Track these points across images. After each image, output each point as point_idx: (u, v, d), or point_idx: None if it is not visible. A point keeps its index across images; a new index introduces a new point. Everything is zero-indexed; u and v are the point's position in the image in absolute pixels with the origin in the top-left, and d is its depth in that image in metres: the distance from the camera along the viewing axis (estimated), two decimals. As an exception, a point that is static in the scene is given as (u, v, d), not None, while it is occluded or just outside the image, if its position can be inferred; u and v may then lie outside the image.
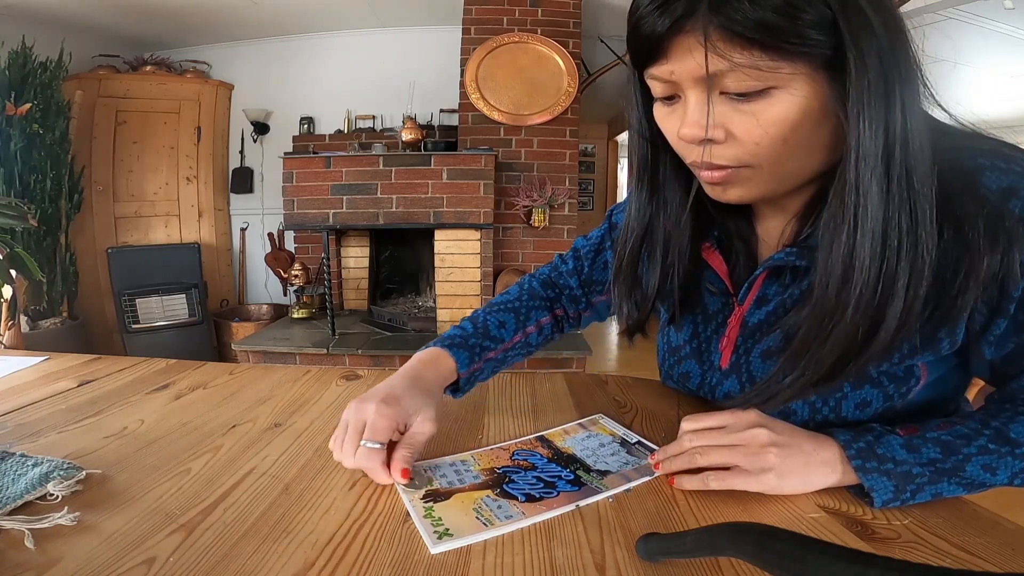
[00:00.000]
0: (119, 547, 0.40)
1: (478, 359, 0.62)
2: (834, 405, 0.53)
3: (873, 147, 0.39)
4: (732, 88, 0.41)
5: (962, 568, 0.38)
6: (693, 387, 0.66)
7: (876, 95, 0.38)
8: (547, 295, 0.74)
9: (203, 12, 3.34)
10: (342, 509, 0.46)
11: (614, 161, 6.99)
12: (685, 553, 0.35)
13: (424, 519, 0.44)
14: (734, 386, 0.59)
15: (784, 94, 0.40)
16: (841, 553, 0.24)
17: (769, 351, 0.55)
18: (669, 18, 0.39)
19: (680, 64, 0.41)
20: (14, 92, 2.79)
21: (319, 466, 0.53)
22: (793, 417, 0.55)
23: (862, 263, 0.41)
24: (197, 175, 3.70)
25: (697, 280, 0.59)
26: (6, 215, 2.34)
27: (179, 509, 0.45)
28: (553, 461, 0.55)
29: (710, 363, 0.62)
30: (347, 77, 3.77)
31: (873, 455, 0.45)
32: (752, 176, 0.45)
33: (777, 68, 0.38)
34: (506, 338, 0.66)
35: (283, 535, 0.42)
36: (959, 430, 0.47)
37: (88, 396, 0.71)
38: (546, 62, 3.20)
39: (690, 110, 0.43)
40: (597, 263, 0.75)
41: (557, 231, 3.30)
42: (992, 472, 0.45)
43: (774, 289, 0.55)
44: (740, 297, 0.57)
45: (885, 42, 0.38)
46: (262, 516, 0.44)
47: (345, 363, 2.80)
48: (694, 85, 0.42)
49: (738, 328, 0.57)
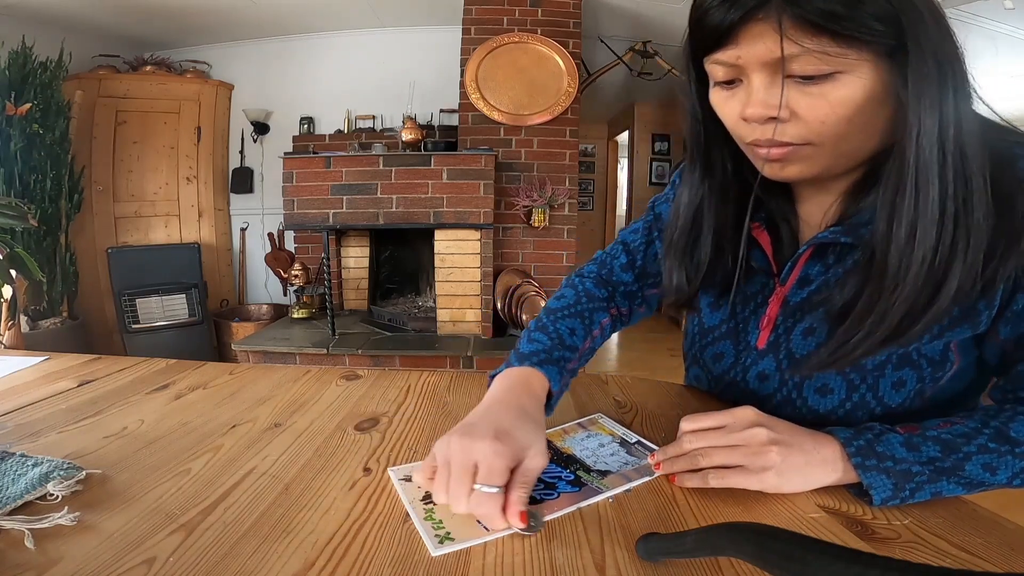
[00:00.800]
0: (119, 547, 0.40)
1: (565, 372, 0.60)
2: (872, 383, 0.53)
3: (931, 126, 0.43)
4: (798, 71, 0.44)
5: (962, 568, 0.38)
6: (724, 368, 0.65)
7: (931, 82, 0.42)
8: (602, 295, 0.72)
9: (203, 12, 3.34)
10: (342, 509, 0.46)
11: (614, 161, 6.99)
12: (685, 553, 0.35)
13: (425, 521, 0.44)
14: (770, 365, 0.59)
15: (850, 78, 0.43)
16: (841, 553, 0.24)
17: (811, 329, 0.56)
18: (740, 9, 0.43)
19: (748, 49, 0.44)
20: (14, 92, 2.79)
21: (319, 466, 0.53)
22: (830, 395, 0.55)
23: (925, 227, 0.44)
24: (197, 175, 3.70)
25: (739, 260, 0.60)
26: (6, 215, 2.34)
27: (179, 509, 0.45)
28: (553, 462, 0.54)
29: (746, 343, 0.62)
30: (347, 77, 3.77)
31: (873, 453, 0.46)
32: (813, 154, 0.48)
33: (844, 54, 0.42)
34: (579, 345, 0.64)
35: (283, 535, 0.42)
36: (959, 429, 0.47)
37: (88, 396, 0.71)
38: (546, 62, 3.20)
39: (755, 91, 0.46)
40: (649, 254, 0.74)
41: (557, 231, 3.30)
42: (992, 471, 0.45)
43: (817, 269, 0.56)
44: (783, 277, 0.58)
45: (936, 36, 0.42)
46: (262, 516, 0.44)
47: (345, 363, 2.80)
48: (760, 69, 0.45)
49: (778, 307, 0.58)
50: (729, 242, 0.59)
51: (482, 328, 3.02)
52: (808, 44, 0.42)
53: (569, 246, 3.32)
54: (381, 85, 3.71)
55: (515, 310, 2.99)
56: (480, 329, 3.03)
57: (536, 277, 3.26)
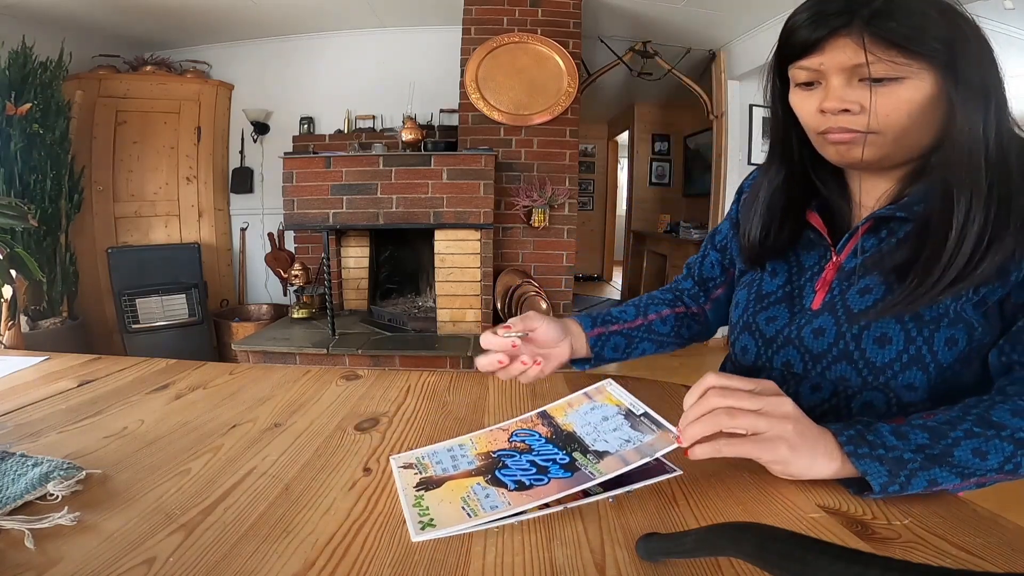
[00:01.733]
0: (119, 547, 0.40)
1: (601, 324, 0.77)
2: (928, 336, 0.57)
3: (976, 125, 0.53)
4: (875, 74, 0.53)
5: (962, 568, 0.38)
6: (776, 330, 0.69)
7: (976, 92, 0.53)
8: (664, 297, 0.87)
9: (203, 12, 3.34)
10: (342, 509, 0.46)
11: (614, 161, 6.99)
12: (685, 553, 0.35)
13: (412, 507, 0.45)
14: (827, 322, 0.64)
15: (913, 82, 0.53)
16: (841, 553, 0.24)
17: (867, 288, 0.61)
18: (827, 27, 0.54)
19: (831, 58, 0.55)
20: (14, 92, 2.79)
21: (319, 466, 0.53)
22: (889, 346, 0.59)
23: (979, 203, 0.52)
24: (197, 175, 3.70)
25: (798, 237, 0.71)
26: (6, 215, 2.34)
27: (179, 509, 0.45)
28: (551, 441, 0.55)
29: (800, 306, 0.68)
30: (347, 77, 3.77)
31: (864, 441, 0.47)
32: (876, 141, 0.57)
33: (909, 64, 0.52)
34: (626, 319, 0.80)
35: (283, 535, 0.42)
36: (941, 417, 0.50)
37: (88, 396, 0.71)
38: (546, 62, 3.20)
39: (833, 90, 0.56)
40: (704, 264, 0.87)
41: (557, 231, 3.30)
42: (983, 456, 0.47)
43: (871, 242, 0.63)
44: (839, 247, 0.66)
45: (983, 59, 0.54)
46: (262, 516, 0.44)
47: (345, 363, 2.80)
48: (838, 73, 0.55)
49: (834, 272, 0.66)
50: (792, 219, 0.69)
51: (482, 328, 3.02)
52: (881, 54, 0.52)
53: (569, 246, 3.32)
54: (381, 85, 3.71)
55: (515, 310, 2.99)
56: (480, 329, 3.03)
57: (536, 277, 3.26)
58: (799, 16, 0.57)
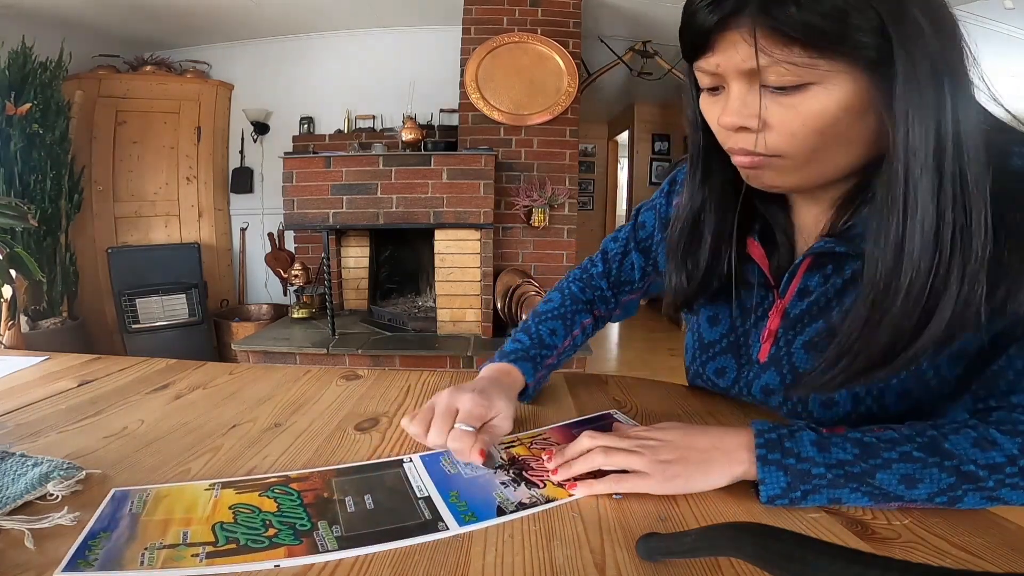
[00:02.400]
0: (119, 547, 0.39)
1: (540, 367, 0.68)
2: (877, 394, 0.52)
3: (924, 144, 0.40)
4: (772, 82, 0.43)
5: (962, 568, 0.38)
6: (727, 383, 0.65)
7: (926, 95, 0.40)
8: (586, 298, 0.79)
9: (203, 12, 3.34)
10: (342, 509, 0.46)
11: (614, 161, 6.99)
12: (685, 553, 0.35)
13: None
14: (773, 379, 0.58)
15: (821, 89, 0.42)
16: (841, 553, 0.24)
17: (811, 343, 0.55)
18: (718, 14, 0.42)
19: (725, 57, 0.44)
20: (14, 92, 2.79)
21: (319, 466, 0.53)
22: (836, 408, 0.54)
23: (912, 254, 0.41)
24: (197, 175, 3.70)
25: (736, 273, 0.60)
26: (6, 215, 2.34)
27: (179, 509, 0.45)
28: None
29: (747, 357, 0.62)
30: (347, 77, 3.77)
31: (779, 447, 0.45)
32: (785, 166, 0.47)
33: (814, 65, 0.41)
34: (558, 344, 0.72)
35: (283, 535, 0.42)
36: (889, 434, 0.45)
37: (88, 396, 0.71)
38: (546, 62, 3.20)
39: (731, 100, 0.46)
40: (624, 265, 0.79)
41: (557, 231, 3.30)
42: (910, 484, 0.42)
43: (816, 280, 0.55)
44: (782, 289, 0.57)
45: (936, 44, 0.40)
46: (262, 516, 0.44)
47: (345, 363, 2.80)
48: (737, 77, 0.45)
49: (779, 319, 0.58)
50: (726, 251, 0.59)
51: (482, 328, 3.02)
52: (778, 54, 0.41)
53: (569, 246, 3.32)
54: (381, 85, 3.71)
55: (515, 310, 2.99)
56: (480, 329, 3.03)
57: (536, 277, 3.26)
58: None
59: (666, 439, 0.49)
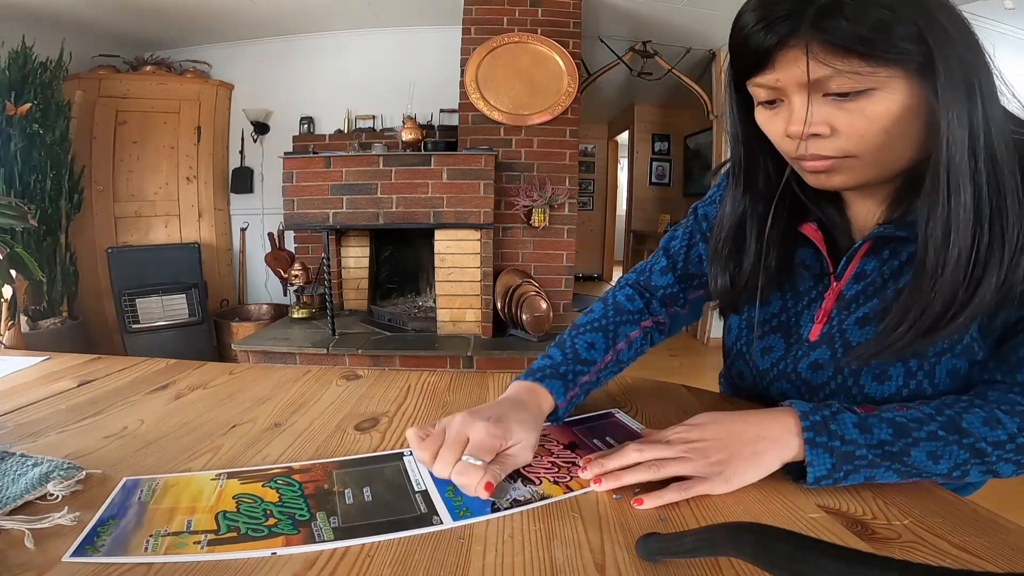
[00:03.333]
0: (119, 547, 0.39)
1: (572, 385, 0.62)
2: (928, 369, 0.54)
3: (961, 134, 0.45)
4: (835, 89, 0.47)
5: (962, 568, 0.38)
6: (771, 362, 0.65)
7: (960, 92, 0.45)
8: (633, 308, 0.72)
9: (203, 12, 3.33)
10: (342, 509, 0.46)
11: (614, 161, 6.99)
12: (685, 553, 0.35)
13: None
14: (824, 355, 0.60)
15: (883, 93, 0.46)
16: (841, 553, 0.24)
17: (866, 318, 0.57)
18: (776, 35, 0.46)
19: (785, 73, 0.48)
20: (14, 92, 2.78)
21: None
22: (888, 383, 0.55)
23: (958, 228, 0.46)
24: (197, 175, 3.70)
25: (789, 262, 0.63)
26: (6, 215, 2.34)
27: (179, 509, 0.45)
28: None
29: (797, 336, 0.63)
30: (347, 77, 3.77)
31: (826, 430, 0.47)
32: (855, 165, 0.51)
33: (875, 73, 0.45)
34: (597, 359, 0.65)
35: (283, 535, 0.42)
36: (914, 413, 0.48)
37: (88, 396, 0.71)
38: (546, 62, 3.20)
39: (796, 111, 0.49)
40: (691, 257, 0.75)
41: (557, 231, 3.30)
42: (935, 460, 0.46)
43: (873, 264, 0.58)
44: (839, 271, 0.59)
45: (963, 48, 0.45)
46: (262, 516, 0.44)
47: (345, 363, 2.79)
48: (798, 90, 0.48)
49: (834, 300, 0.60)
50: (777, 243, 0.61)
51: (482, 328, 3.02)
52: (839, 66, 0.45)
53: (569, 246, 3.32)
54: (381, 85, 3.71)
55: (515, 310, 2.99)
56: (480, 329, 3.03)
57: (536, 277, 3.26)
58: (746, 17, 0.48)
59: (710, 437, 0.50)
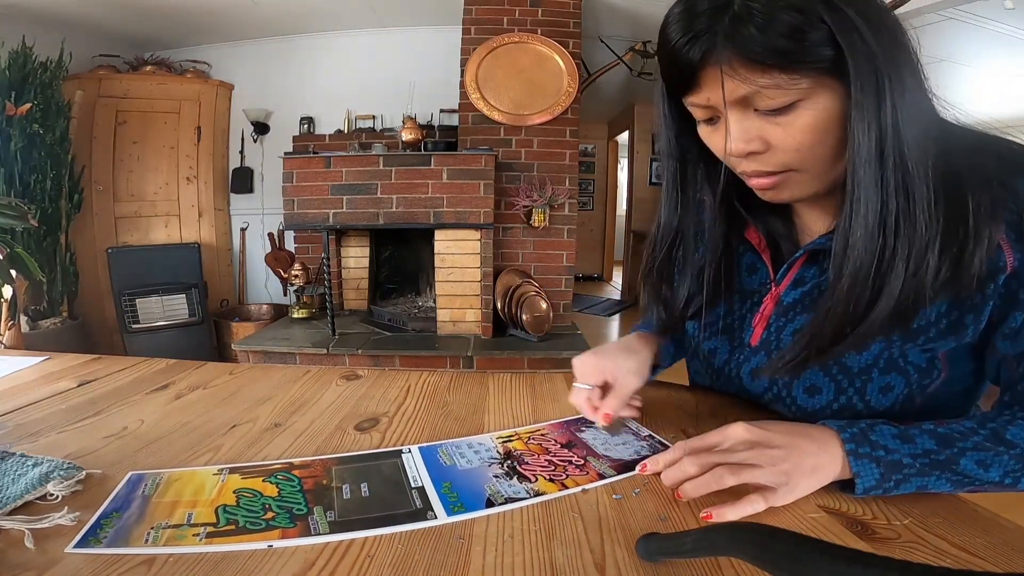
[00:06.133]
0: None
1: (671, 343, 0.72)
2: (859, 386, 0.54)
3: (867, 141, 0.44)
4: (763, 106, 0.46)
5: (962, 568, 0.38)
6: (719, 364, 0.67)
7: (868, 95, 0.43)
8: None
9: (203, 12, 3.33)
10: (342, 509, 0.46)
11: (614, 161, 6.99)
12: (685, 553, 0.35)
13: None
14: (762, 361, 0.61)
15: (810, 103, 0.45)
16: (841, 553, 0.24)
17: (800, 330, 0.57)
18: (698, 51, 0.44)
19: (713, 91, 0.46)
20: (14, 92, 2.78)
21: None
22: (818, 396, 0.56)
23: (856, 243, 0.45)
24: (197, 175, 3.70)
25: (731, 268, 0.64)
26: (6, 215, 2.34)
27: (179, 509, 0.45)
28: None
29: (740, 340, 0.64)
30: (347, 77, 3.77)
31: (866, 440, 0.46)
32: (799, 179, 0.50)
33: (798, 83, 0.43)
34: None
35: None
36: (955, 427, 0.47)
37: (88, 396, 0.71)
38: (546, 62, 3.20)
39: (733, 129, 0.48)
40: None
41: (557, 231, 3.30)
42: (985, 468, 0.45)
43: (812, 272, 0.58)
44: (778, 278, 0.60)
45: (874, 46, 0.42)
46: (262, 516, 0.44)
47: (345, 363, 2.79)
48: (731, 107, 0.47)
49: (772, 306, 0.60)
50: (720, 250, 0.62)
51: (482, 328, 3.02)
52: (762, 81, 0.43)
53: (569, 246, 3.32)
54: (381, 85, 3.71)
55: (515, 310, 2.98)
56: (480, 329, 3.03)
57: (536, 277, 3.26)
58: (671, 31, 0.47)
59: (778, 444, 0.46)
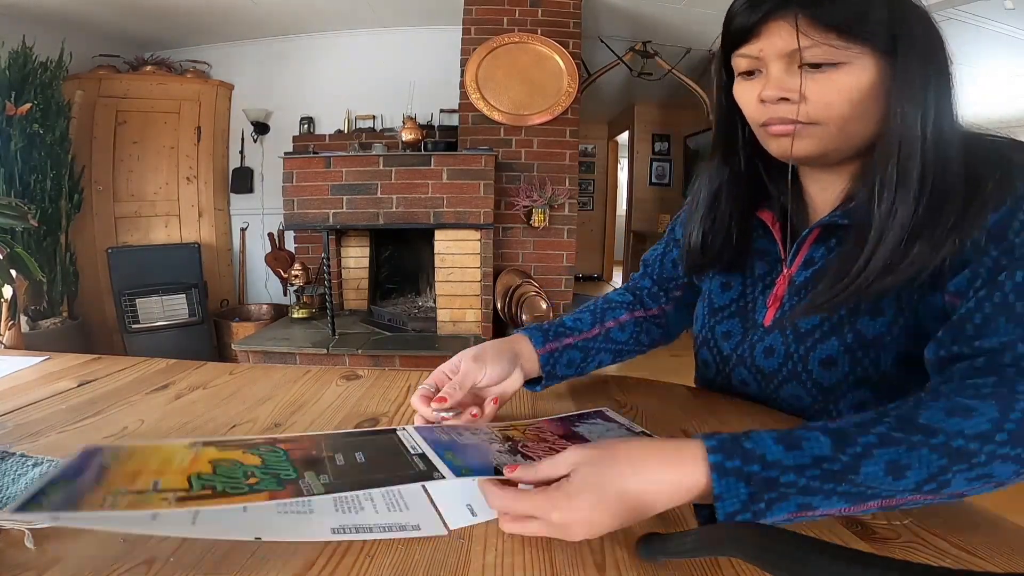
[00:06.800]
0: (119, 547, 0.39)
1: (553, 339, 0.69)
2: (874, 356, 0.55)
3: (913, 114, 0.50)
4: (810, 59, 0.51)
5: (962, 568, 0.38)
6: (731, 347, 0.68)
7: (915, 80, 0.50)
8: (623, 300, 0.79)
9: (203, 12, 3.34)
10: (342, 509, 0.46)
11: (614, 161, 6.99)
12: (685, 553, 0.35)
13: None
14: (776, 340, 0.62)
15: (853, 68, 0.51)
16: (841, 553, 0.24)
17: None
18: (761, 11, 0.52)
19: (769, 44, 0.52)
20: (14, 92, 2.78)
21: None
22: (835, 368, 0.57)
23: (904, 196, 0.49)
24: (197, 175, 3.70)
25: (749, 244, 0.68)
26: (6, 215, 2.34)
27: (179, 509, 0.45)
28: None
29: (753, 322, 0.66)
30: (347, 77, 3.77)
31: (738, 449, 0.37)
32: (818, 133, 0.54)
33: (848, 48, 0.50)
34: (583, 329, 0.72)
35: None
36: (854, 419, 0.40)
37: (88, 396, 0.71)
38: (546, 62, 3.20)
39: (773, 77, 0.54)
40: (666, 262, 0.81)
41: (557, 231, 3.30)
42: (898, 473, 0.36)
43: (820, 252, 0.61)
44: (789, 259, 0.63)
45: (925, 46, 0.50)
46: (262, 516, 0.44)
47: (345, 363, 2.79)
48: (777, 59, 0.53)
49: (785, 287, 0.63)
50: (740, 225, 0.66)
51: (482, 328, 3.03)
52: (817, 38, 0.50)
53: (569, 246, 3.32)
54: (381, 85, 3.71)
55: (515, 310, 2.99)
56: (480, 329, 3.03)
57: (536, 277, 3.26)
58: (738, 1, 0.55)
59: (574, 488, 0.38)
